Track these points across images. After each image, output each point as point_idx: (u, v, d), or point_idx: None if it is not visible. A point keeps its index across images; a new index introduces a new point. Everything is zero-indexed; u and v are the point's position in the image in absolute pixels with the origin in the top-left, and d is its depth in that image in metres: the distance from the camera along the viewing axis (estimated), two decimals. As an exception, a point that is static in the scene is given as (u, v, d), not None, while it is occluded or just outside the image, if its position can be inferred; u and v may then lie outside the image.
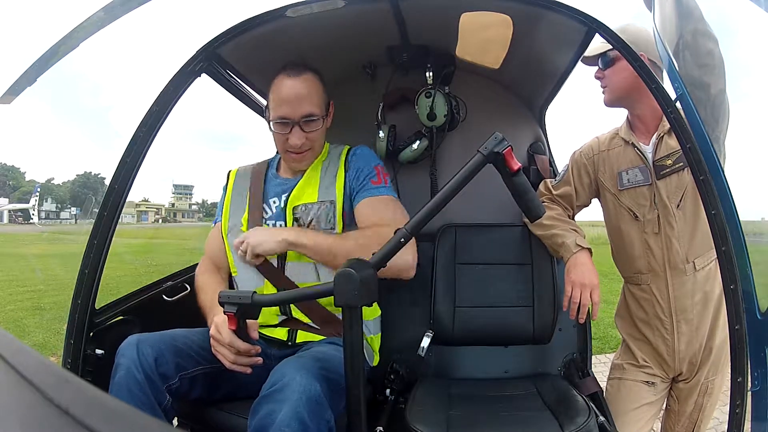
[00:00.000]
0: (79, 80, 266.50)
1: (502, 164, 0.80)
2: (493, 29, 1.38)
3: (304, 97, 1.18)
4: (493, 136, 0.80)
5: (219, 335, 0.96)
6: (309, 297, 0.97)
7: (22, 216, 38.55)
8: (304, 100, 1.18)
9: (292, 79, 1.18)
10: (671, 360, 1.30)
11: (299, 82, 1.18)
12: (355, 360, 0.76)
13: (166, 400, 0.95)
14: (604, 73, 1.33)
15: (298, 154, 1.22)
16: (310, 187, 1.24)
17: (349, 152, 1.30)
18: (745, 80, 1.75)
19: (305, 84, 1.19)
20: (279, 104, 1.18)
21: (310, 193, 1.23)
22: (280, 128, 1.19)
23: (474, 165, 0.80)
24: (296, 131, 1.19)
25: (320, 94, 1.22)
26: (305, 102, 1.18)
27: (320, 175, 1.25)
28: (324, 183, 1.24)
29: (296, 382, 0.83)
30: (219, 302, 0.86)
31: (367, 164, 1.25)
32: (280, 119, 1.18)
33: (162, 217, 69.14)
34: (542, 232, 1.40)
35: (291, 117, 1.18)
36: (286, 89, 1.18)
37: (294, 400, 0.80)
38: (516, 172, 0.81)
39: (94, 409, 0.25)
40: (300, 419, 0.79)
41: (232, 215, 1.28)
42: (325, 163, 1.28)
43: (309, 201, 1.22)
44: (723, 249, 0.91)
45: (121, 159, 1.17)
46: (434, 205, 0.80)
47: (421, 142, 1.64)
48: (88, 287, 1.11)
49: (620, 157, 1.36)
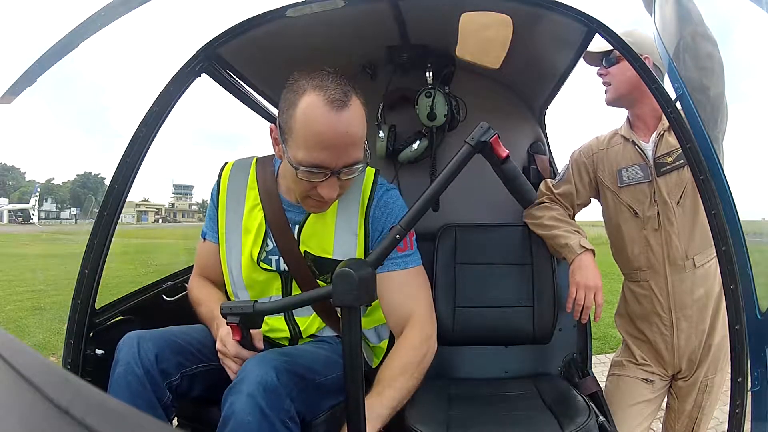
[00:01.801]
0: (79, 80, 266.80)
1: (490, 152, 0.81)
2: (493, 29, 1.38)
3: (352, 141, 0.88)
4: (479, 126, 0.80)
5: (225, 348, 0.95)
6: (310, 301, 0.97)
7: (22, 216, 38.55)
8: (351, 145, 0.88)
9: (338, 114, 0.85)
10: (670, 356, 1.31)
11: (345, 118, 0.85)
12: (354, 360, 0.76)
13: (166, 397, 0.95)
14: (608, 71, 1.34)
15: (323, 202, 0.96)
16: (323, 230, 1.04)
17: (373, 194, 1.05)
18: (746, 81, 1.76)
19: (354, 121, 0.87)
20: (313, 147, 0.86)
21: (324, 241, 1.04)
22: (309, 176, 0.89)
23: (462, 156, 0.80)
24: (331, 182, 0.90)
25: (365, 127, 0.91)
26: (352, 148, 0.88)
27: (336, 216, 1.04)
28: (341, 232, 1.03)
29: (253, 374, 0.83)
30: (221, 314, 0.85)
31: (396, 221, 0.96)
32: (314, 168, 0.88)
33: (162, 217, 69.16)
34: (544, 232, 1.40)
35: (330, 167, 0.88)
36: (329, 130, 0.85)
37: (252, 390, 0.81)
38: (504, 159, 0.81)
39: (94, 409, 0.25)
40: (259, 408, 0.80)
41: (229, 231, 1.10)
42: (342, 195, 1.01)
43: (322, 254, 1.04)
44: (723, 249, 0.91)
45: (121, 159, 1.17)
46: (426, 198, 0.81)
47: (421, 142, 1.64)
48: (88, 287, 1.11)
49: (620, 155, 1.36)
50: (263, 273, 1.09)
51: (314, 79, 0.88)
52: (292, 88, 0.89)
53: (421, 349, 1.00)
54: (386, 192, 1.08)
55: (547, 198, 1.46)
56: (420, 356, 0.99)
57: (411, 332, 1.01)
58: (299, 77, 0.90)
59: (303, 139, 0.87)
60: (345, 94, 0.86)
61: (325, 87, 0.86)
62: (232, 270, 1.11)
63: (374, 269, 0.77)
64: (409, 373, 0.96)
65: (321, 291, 0.85)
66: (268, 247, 1.08)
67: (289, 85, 0.91)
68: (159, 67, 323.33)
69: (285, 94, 0.91)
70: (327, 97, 0.85)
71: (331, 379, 1.00)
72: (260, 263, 1.08)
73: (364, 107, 0.91)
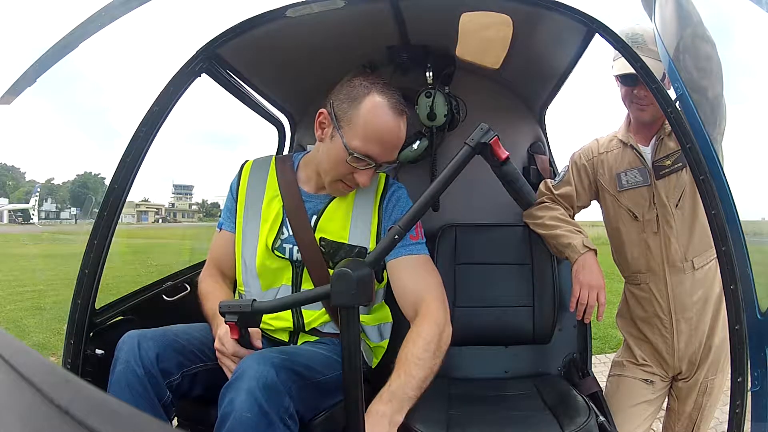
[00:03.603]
0: (79, 80, 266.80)
1: (490, 154, 0.81)
2: (493, 29, 1.38)
3: (400, 144, 1.06)
4: (479, 127, 0.80)
5: (223, 347, 0.96)
6: (308, 301, 0.98)
7: (22, 216, 38.53)
8: (397, 147, 1.06)
9: (397, 120, 1.03)
10: (671, 359, 1.31)
11: (402, 125, 1.05)
12: (353, 360, 0.76)
13: (166, 396, 0.95)
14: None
15: (349, 189, 1.10)
16: (340, 218, 1.13)
17: (386, 188, 1.17)
18: (746, 81, 1.74)
19: (405, 127, 1.06)
20: (371, 140, 1.02)
21: (340, 228, 1.12)
22: (356, 163, 1.03)
23: (462, 157, 0.80)
24: (370, 172, 1.06)
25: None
26: (396, 150, 1.07)
27: (353, 205, 1.14)
28: (357, 220, 1.13)
29: (253, 370, 0.83)
30: (219, 312, 0.86)
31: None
32: (365, 156, 1.02)
33: (162, 217, 69.17)
34: (546, 232, 1.39)
35: (378, 160, 1.04)
36: (389, 130, 1.02)
37: (251, 386, 0.81)
38: (504, 160, 0.81)
39: (94, 409, 0.25)
40: (258, 404, 0.80)
41: (247, 220, 1.16)
42: (358, 188, 1.13)
43: (338, 239, 1.11)
44: (723, 249, 0.91)
45: (121, 159, 1.17)
46: (426, 199, 0.81)
47: (422, 142, 1.64)
48: (88, 287, 1.11)
49: (618, 159, 1.36)
50: (276, 261, 1.13)
51: (377, 84, 1.04)
52: (353, 84, 1.05)
53: (439, 327, 1.01)
54: (398, 189, 1.19)
55: (547, 198, 1.46)
56: (439, 334, 1.00)
57: (428, 313, 1.02)
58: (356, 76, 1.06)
59: (363, 130, 1.01)
60: (404, 105, 1.05)
61: (389, 94, 1.03)
62: (245, 258, 1.15)
63: (372, 269, 0.77)
64: (431, 351, 0.97)
65: (319, 291, 0.85)
66: (284, 236, 1.13)
67: (347, 81, 1.06)
68: (159, 67, 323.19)
69: (343, 88, 1.05)
70: (391, 103, 1.02)
71: (329, 379, 1.00)
72: (275, 251, 1.12)
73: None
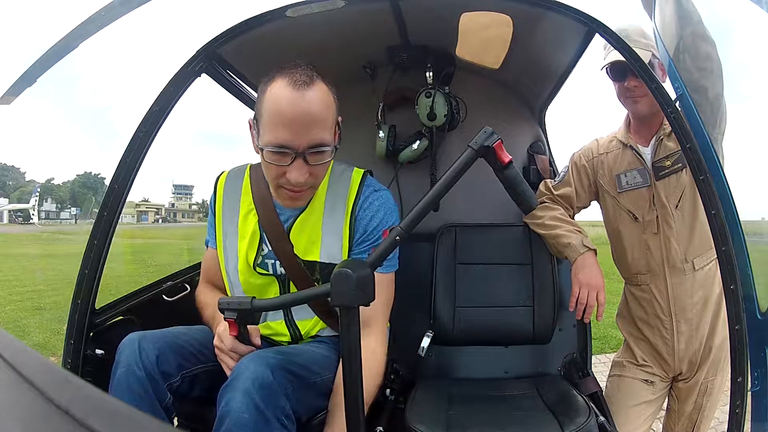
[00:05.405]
0: (79, 80, 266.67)
1: (493, 158, 0.81)
2: (493, 29, 1.38)
3: (314, 120, 0.90)
4: (482, 131, 0.80)
5: (221, 344, 0.95)
6: (308, 299, 0.98)
7: (22, 216, 38.50)
8: (313, 124, 0.90)
9: (299, 92, 0.88)
10: (671, 359, 1.31)
11: (308, 96, 0.88)
12: (353, 360, 0.76)
13: (167, 398, 0.94)
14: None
15: (295, 192, 0.97)
16: (309, 231, 1.05)
17: (360, 193, 1.06)
18: (746, 81, 1.75)
19: (316, 100, 0.90)
20: (277, 125, 0.89)
21: (310, 243, 1.05)
22: (276, 158, 0.91)
23: (465, 160, 0.80)
24: (298, 164, 0.91)
25: (333, 113, 0.95)
26: (315, 127, 0.90)
27: (323, 218, 1.05)
28: (328, 235, 1.05)
29: (249, 371, 0.83)
30: (219, 309, 0.86)
31: (379, 224, 1.04)
32: (278, 147, 0.90)
33: (162, 218, 69.13)
34: (546, 232, 1.39)
35: (294, 146, 0.90)
36: (290, 106, 0.88)
37: (247, 387, 0.81)
38: (507, 164, 0.81)
39: (94, 409, 0.25)
40: (255, 405, 0.80)
41: (226, 237, 1.11)
42: (329, 196, 1.04)
43: (310, 257, 1.05)
44: (723, 249, 0.91)
45: (121, 159, 1.17)
46: (428, 201, 0.81)
47: (421, 142, 1.64)
48: (88, 287, 1.11)
49: (618, 160, 1.36)
50: (260, 277, 1.10)
51: (284, 69, 0.92)
52: (265, 80, 0.93)
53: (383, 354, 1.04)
54: (374, 193, 1.07)
55: (547, 198, 1.46)
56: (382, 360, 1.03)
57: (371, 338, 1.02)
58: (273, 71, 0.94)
59: (268, 119, 0.90)
60: (309, 77, 0.90)
61: (292, 72, 0.90)
62: (230, 275, 1.12)
63: (373, 270, 0.77)
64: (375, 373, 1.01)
65: (319, 289, 0.85)
66: (264, 252, 1.08)
67: (264, 82, 0.94)
68: (159, 67, 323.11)
69: (259, 89, 0.95)
70: (291, 80, 0.89)
71: (327, 379, 1.00)
72: (256, 268, 1.09)
73: (331, 93, 0.94)
